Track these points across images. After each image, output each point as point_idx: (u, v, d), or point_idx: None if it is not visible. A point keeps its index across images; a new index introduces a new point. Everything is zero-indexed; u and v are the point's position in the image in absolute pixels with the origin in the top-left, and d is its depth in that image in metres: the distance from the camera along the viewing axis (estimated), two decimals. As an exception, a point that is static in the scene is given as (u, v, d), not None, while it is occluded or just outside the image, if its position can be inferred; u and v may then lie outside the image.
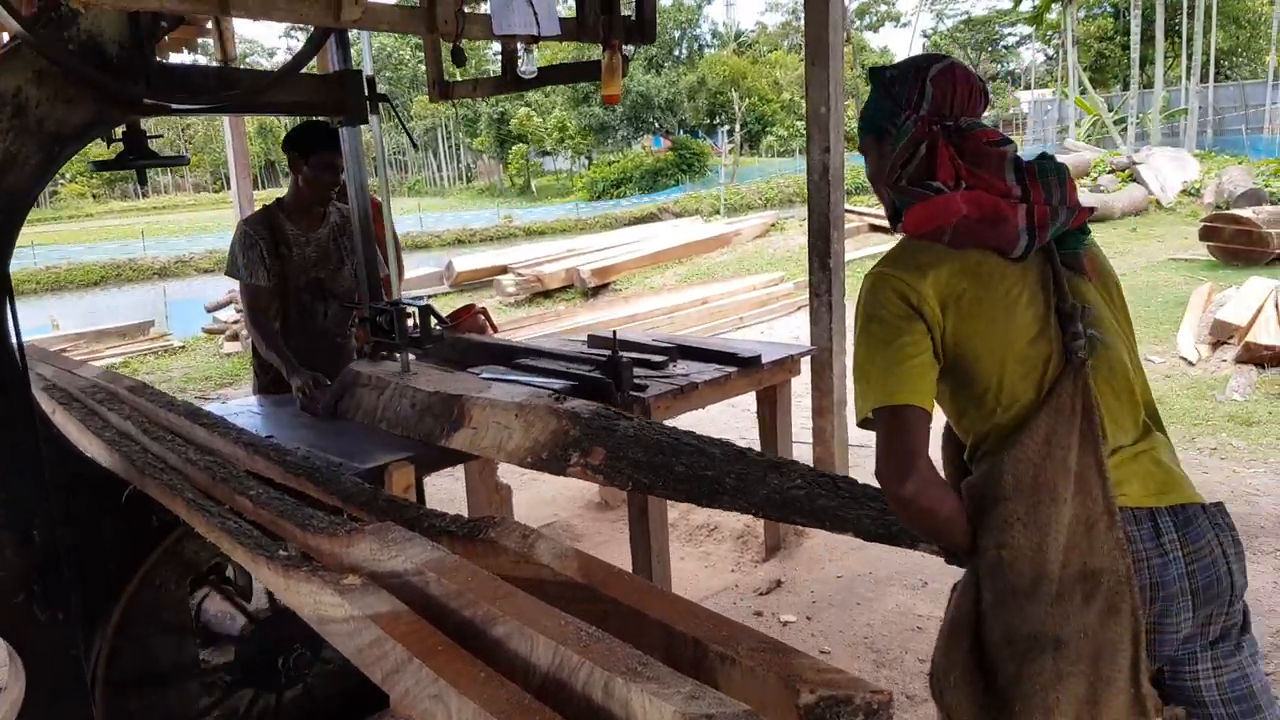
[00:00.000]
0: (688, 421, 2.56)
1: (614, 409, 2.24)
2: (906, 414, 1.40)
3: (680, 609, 1.30)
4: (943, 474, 1.52)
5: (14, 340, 1.94)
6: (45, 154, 2.03)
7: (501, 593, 1.31)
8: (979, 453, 1.49)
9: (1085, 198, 14.73)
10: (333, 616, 1.38)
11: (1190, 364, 6.23)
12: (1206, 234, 10.13)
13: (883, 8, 47.40)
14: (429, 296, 11.03)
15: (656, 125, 39.66)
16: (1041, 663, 1.39)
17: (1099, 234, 13.24)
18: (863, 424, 1.47)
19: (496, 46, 2.75)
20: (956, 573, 1.51)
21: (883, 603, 3.29)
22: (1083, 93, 25.60)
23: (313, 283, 3.29)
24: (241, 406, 3.15)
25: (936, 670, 1.52)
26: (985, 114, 1.61)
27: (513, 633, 1.23)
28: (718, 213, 22.54)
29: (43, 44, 1.96)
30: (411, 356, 2.89)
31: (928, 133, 1.48)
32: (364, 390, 2.77)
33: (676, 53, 42.55)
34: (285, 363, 3.10)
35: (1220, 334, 6.36)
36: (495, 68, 2.90)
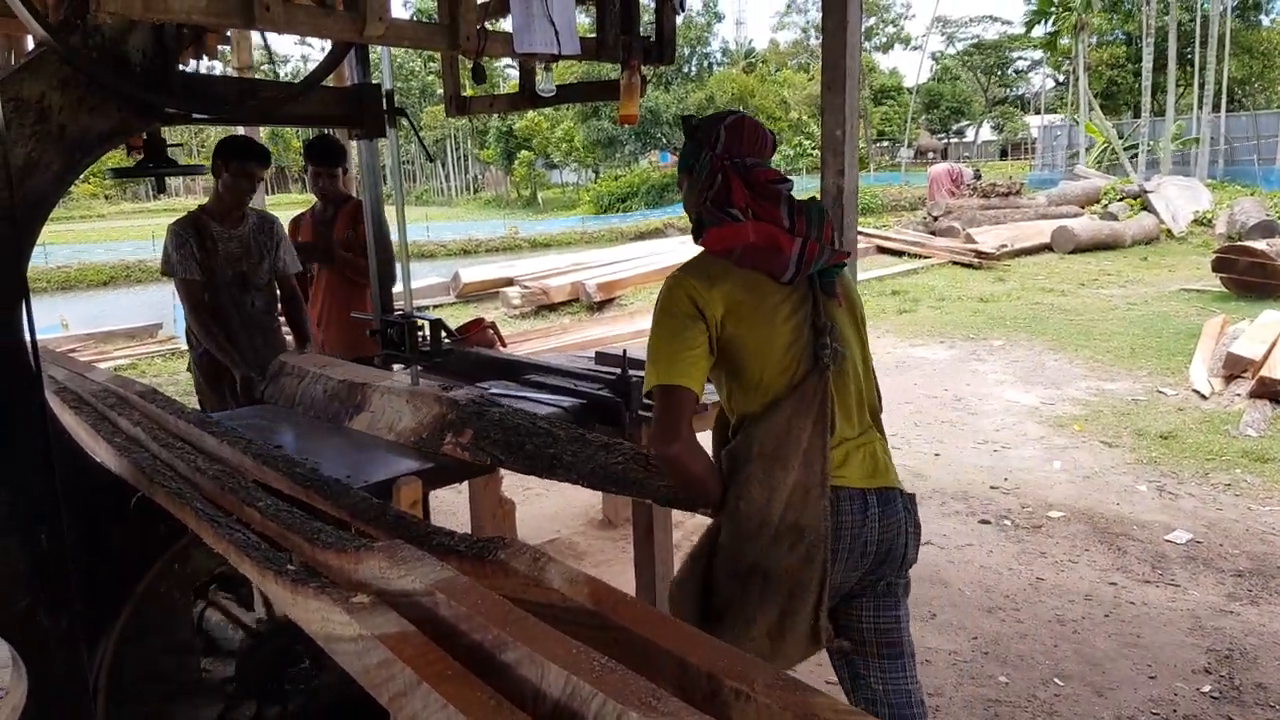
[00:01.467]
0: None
1: (485, 398, 2.58)
2: (678, 393, 1.77)
3: (694, 641, 1.28)
4: (712, 447, 1.96)
5: (29, 342, 1.93)
6: (66, 161, 2.03)
7: (513, 617, 1.29)
8: (739, 428, 1.88)
9: (1094, 224, 14.77)
10: (341, 635, 1.37)
11: (1203, 397, 6.20)
12: (1219, 265, 10.12)
13: (892, 30, 47.56)
14: (434, 307, 11.04)
15: (664, 141, 39.77)
16: (751, 588, 1.82)
17: (1108, 261, 13.25)
18: (646, 395, 1.84)
19: (506, 61, 2.76)
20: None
21: (888, 631, 3.27)
22: (1092, 118, 25.64)
23: (238, 275, 3.68)
24: (251, 414, 3.15)
25: (675, 582, 1.98)
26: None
27: (523, 659, 1.21)
28: (726, 230, 22.52)
29: (68, 51, 1.96)
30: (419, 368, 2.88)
31: (721, 167, 1.87)
32: (287, 378, 3.10)
33: (686, 69, 42.70)
34: (226, 355, 3.55)
35: (1234, 368, 6.34)
36: (505, 83, 2.92)
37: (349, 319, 3.92)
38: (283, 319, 3.95)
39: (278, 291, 3.84)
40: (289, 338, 4.03)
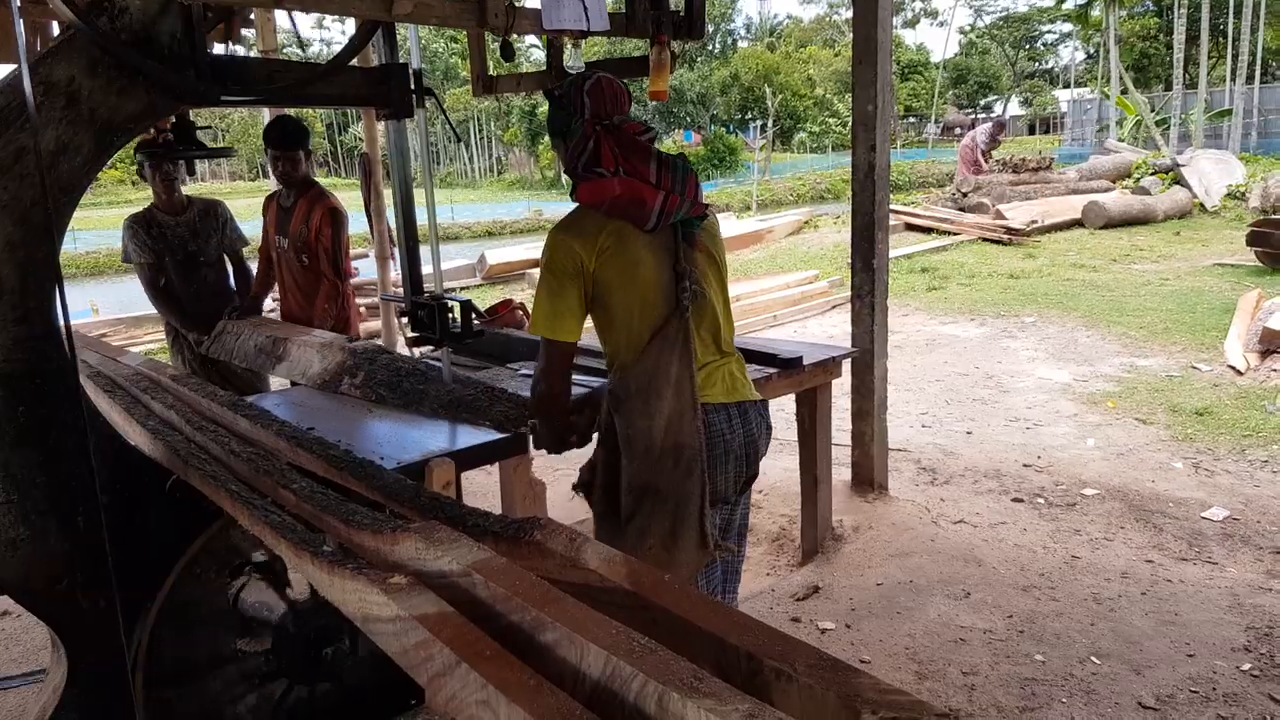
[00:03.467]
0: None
1: (376, 348, 3.09)
2: (556, 346, 2.16)
3: (733, 621, 1.26)
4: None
5: (62, 326, 1.94)
6: (97, 144, 2.03)
7: (551, 597, 1.29)
8: (614, 365, 2.22)
9: (1126, 199, 14.49)
10: (378, 615, 1.37)
11: (1239, 373, 6.09)
12: (1254, 239, 9.91)
13: (919, 5, 46.88)
14: (461, 289, 11.05)
15: (689, 120, 39.52)
16: (645, 503, 2.16)
17: (1140, 236, 13.01)
18: (532, 331, 2.17)
19: (530, 40, 2.73)
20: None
21: (924, 612, 3.25)
22: (1124, 92, 25.18)
23: (188, 255, 4.29)
24: (280, 399, 3.16)
25: (586, 475, 2.42)
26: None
27: (562, 639, 1.21)
28: (749, 209, 22.42)
29: (97, 34, 1.96)
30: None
31: (592, 132, 2.10)
32: (226, 336, 3.71)
33: (710, 47, 42.35)
34: (181, 321, 4.33)
35: (1270, 342, 6.21)
36: (527, 63, 2.90)
37: (302, 308, 4.19)
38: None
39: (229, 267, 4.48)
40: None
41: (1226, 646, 3.01)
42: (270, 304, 4.74)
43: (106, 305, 11.47)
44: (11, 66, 4.05)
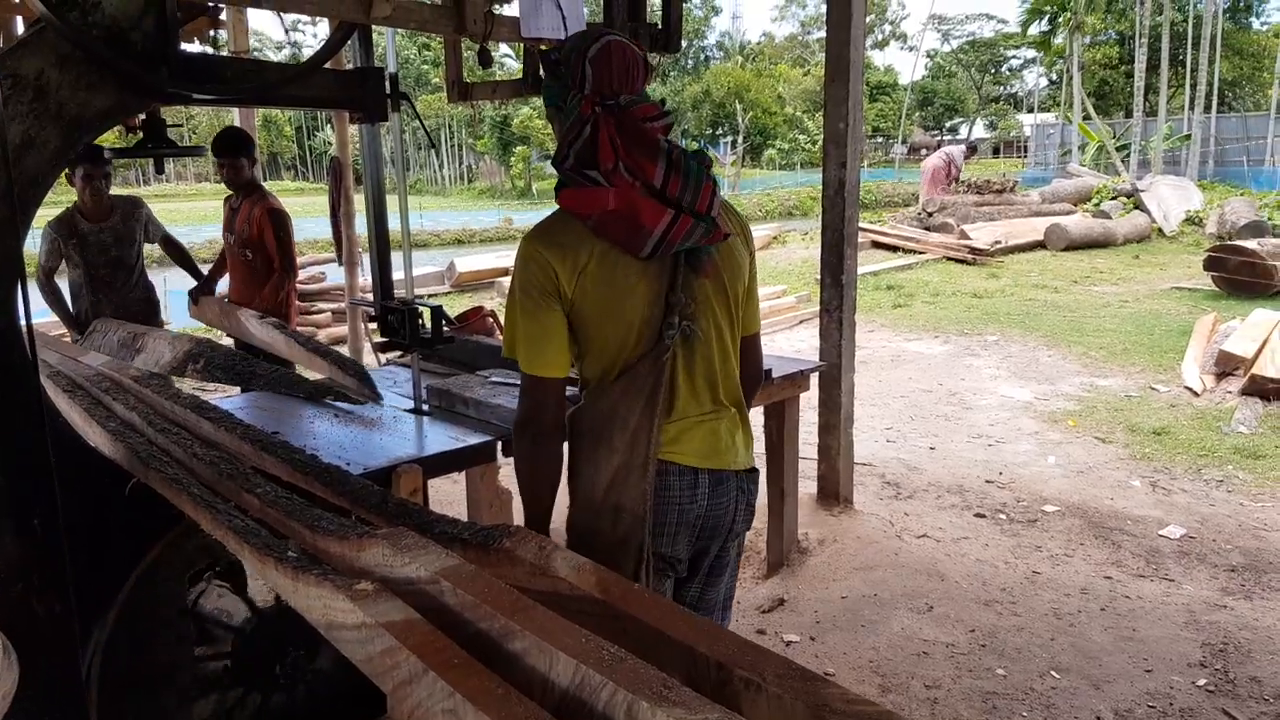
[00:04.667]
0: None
1: (212, 342, 3.25)
2: (541, 384, 1.75)
3: (703, 630, 1.27)
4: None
5: (23, 324, 1.90)
6: (64, 138, 2.00)
7: (520, 605, 1.28)
8: (582, 393, 1.84)
9: (1087, 222, 14.69)
10: (343, 623, 1.35)
11: (1195, 394, 6.22)
12: (1211, 264, 10.15)
13: (889, 28, 47.57)
14: (429, 296, 10.98)
15: (661, 134, 39.71)
16: (580, 552, 1.66)
17: (1101, 259, 13.24)
18: (508, 355, 1.80)
19: (504, 49, 2.73)
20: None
21: (888, 625, 3.27)
22: (1086, 118, 25.70)
23: (112, 260, 4.43)
24: (245, 401, 3.12)
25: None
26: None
27: (531, 648, 1.20)
28: (719, 223, 22.50)
29: (67, 28, 1.93)
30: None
31: (591, 113, 1.66)
32: (94, 335, 3.78)
33: (683, 63, 42.63)
34: (65, 321, 4.56)
35: (1226, 365, 6.36)
36: (500, 71, 2.90)
37: (246, 296, 4.51)
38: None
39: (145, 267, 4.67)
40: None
41: (1183, 662, 3.06)
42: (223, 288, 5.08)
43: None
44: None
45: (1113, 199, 16.50)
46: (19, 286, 1.89)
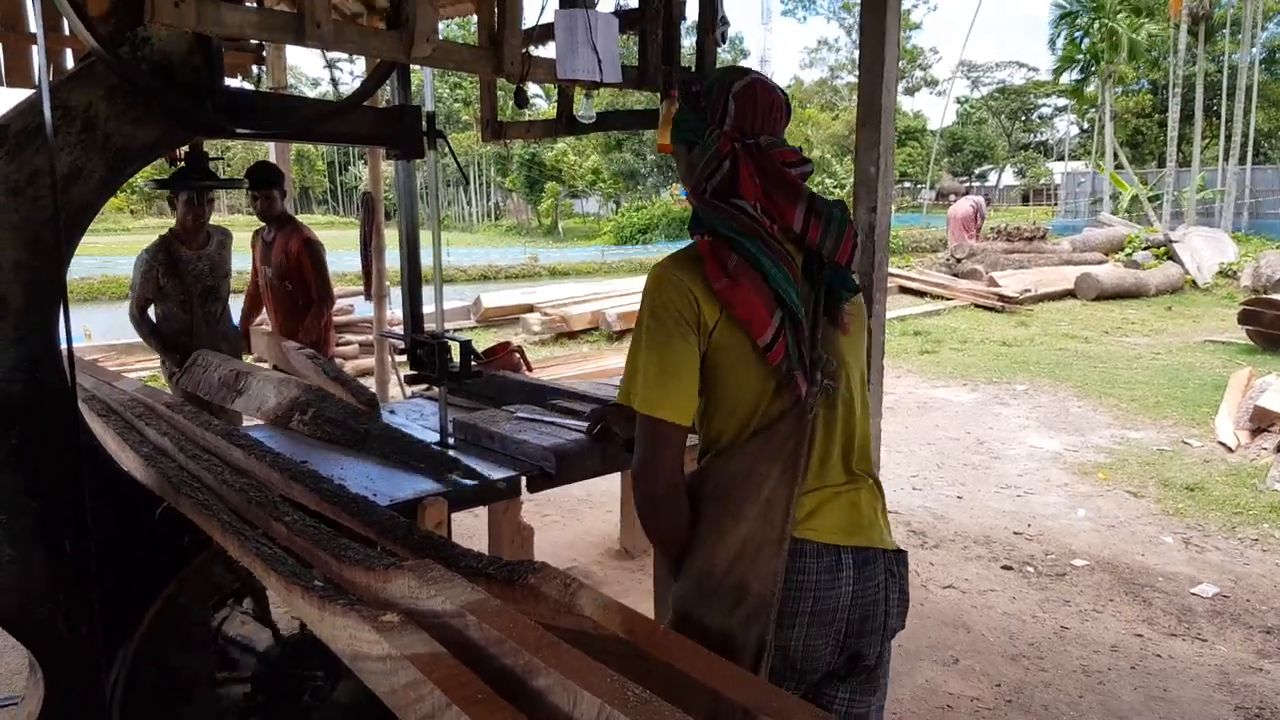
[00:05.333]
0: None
1: (324, 391, 3.02)
2: (661, 428, 1.53)
3: (729, 674, 1.25)
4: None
5: (64, 349, 1.94)
6: (110, 169, 2.05)
7: (545, 642, 1.27)
8: (706, 453, 1.64)
9: (1119, 271, 14.56)
10: (368, 654, 1.35)
11: (1229, 450, 6.11)
12: (1245, 317, 10.03)
13: (919, 74, 47.85)
14: (455, 330, 11.07)
15: (688, 175, 39.98)
16: (683, 630, 1.56)
17: (1132, 309, 13.10)
18: (624, 400, 1.57)
19: (533, 89, 2.77)
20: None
21: (912, 677, 3.21)
22: (1118, 167, 25.63)
23: (207, 289, 4.31)
24: (273, 431, 3.15)
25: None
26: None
27: (555, 685, 1.19)
28: (746, 265, 22.57)
29: (117, 62, 1.99)
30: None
31: (730, 149, 1.56)
32: (195, 369, 3.63)
33: (713, 105, 43.03)
34: (164, 350, 4.32)
35: (1261, 421, 6.24)
36: (529, 112, 2.94)
37: (288, 326, 4.57)
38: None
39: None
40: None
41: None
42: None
43: (100, 331, 11.43)
44: (25, 92, 4.10)
45: (1145, 249, 16.39)
46: (61, 313, 1.93)
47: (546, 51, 2.50)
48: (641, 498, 1.60)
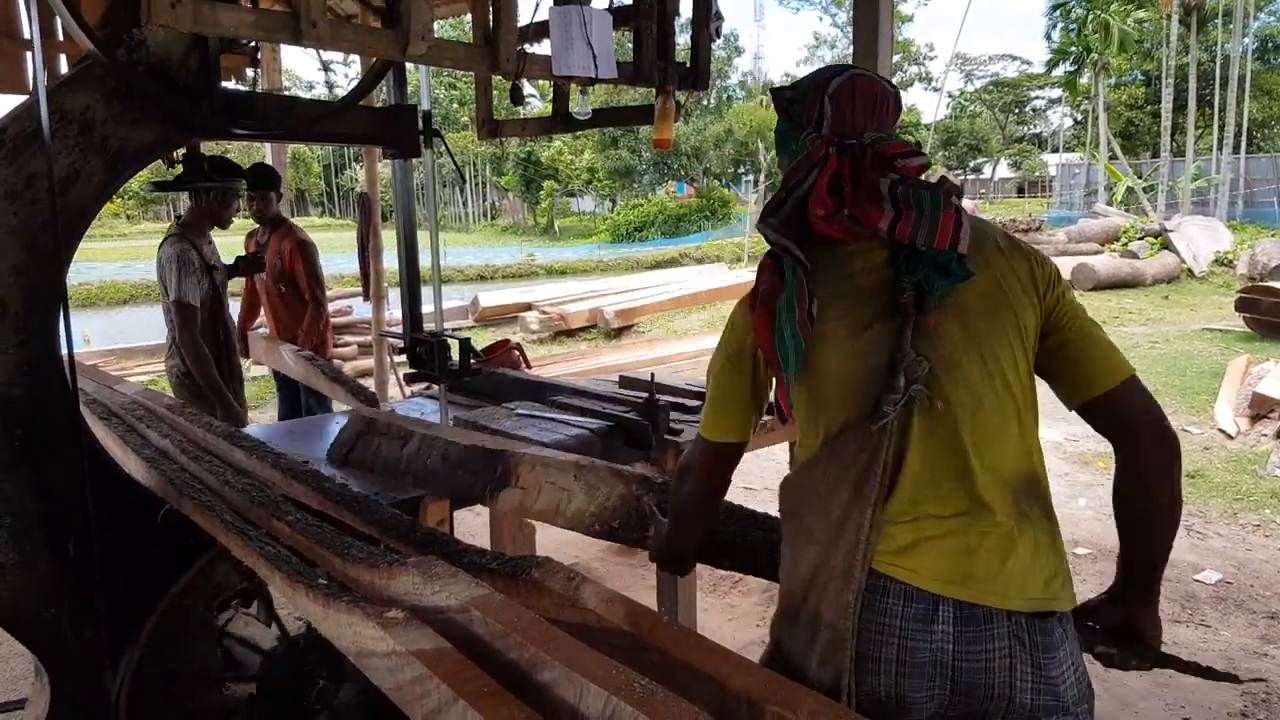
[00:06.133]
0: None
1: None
2: (700, 445, 1.57)
3: (734, 665, 1.25)
4: None
5: (66, 353, 1.94)
6: (108, 171, 2.05)
7: (549, 635, 1.27)
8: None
9: (1115, 261, 14.46)
10: (373, 650, 1.35)
11: (1229, 437, 6.13)
12: (1242, 305, 10.05)
13: (913, 69, 47.84)
14: (453, 330, 11.07)
15: (682, 172, 39.99)
16: (774, 664, 1.42)
17: (1130, 299, 13.10)
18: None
19: (527, 89, 2.76)
20: None
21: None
22: (1112, 159, 25.65)
23: (221, 284, 4.03)
24: (273, 431, 3.15)
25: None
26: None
27: (560, 678, 1.19)
28: (740, 260, 22.61)
29: (114, 65, 1.99)
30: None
31: (824, 154, 1.36)
32: (382, 439, 2.58)
33: (706, 102, 43.05)
34: (219, 395, 3.78)
35: (1260, 407, 6.26)
36: (524, 110, 2.93)
37: (286, 327, 4.52)
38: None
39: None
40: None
41: (1223, 711, 2.98)
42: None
43: (98, 337, 11.43)
44: (18, 99, 4.10)
45: (1140, 239, 16.41)
46: (61, 316, 1.93)
47: (542, 49, 2.50)
48: (673, 496, 1.68)
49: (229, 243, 4.73)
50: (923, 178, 1.38)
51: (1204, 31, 27.55)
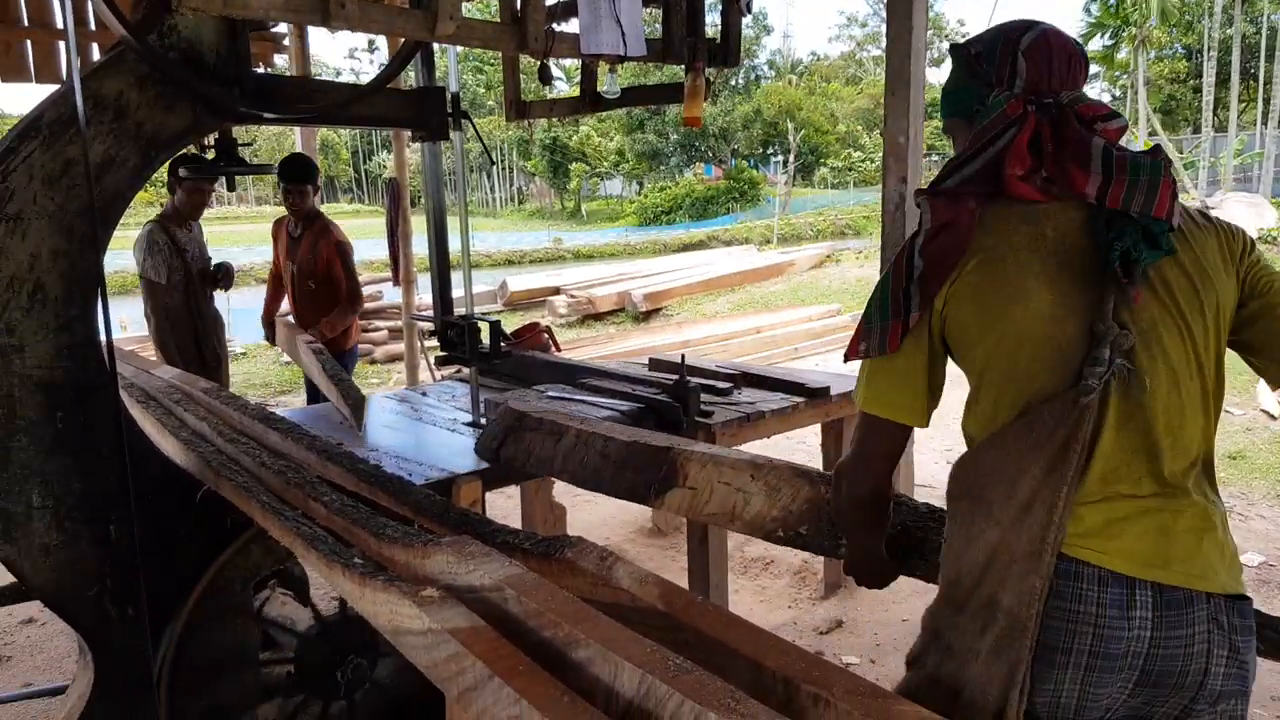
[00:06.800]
0: (753, 450, 2.51)
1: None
2: (870, 424, 1.39)
3: (769, 644, 1.25)
4: None
5: (103, 338, 1.97)
6: (142, 157, 2.07)
7: (584, 614, 1.28)
8: (968, 444, 1.39)
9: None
10: (410, 628, 1.36)
11: (1272, 418, 6.01)
12: (1283, 282, 9.83)
13: (944, 44, 47.14)
14: (482, 313, 11.12)
15: (710, 154, 39.76)
16: (929, 655, 1.36)
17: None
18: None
19: (554, 72, 2.71)
20: None
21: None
22: (1152, 135, 25.14)
23: (201, 272, 4.39)
24: (307, 414, 3.18)
25: None
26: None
27: (595, 657, 1.19)
28: (770, 242, 22.48)
29: (146, 50, 2.00)
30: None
31: (1021, 112, 1.29)
32: (534, 435, 2.40)
33: (733, 82, 42.72)
34: (179, 353, 4.27)
35: (1303, 388, 6.13)
36: (550, 92, 2.91)
37: (310, 322, 4.42)
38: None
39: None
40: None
41: (1266, 695, 2.94)
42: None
43: (134, 325, 11.60)
44: (51, 87, 4.15)
45: (1179, 216, 16.09)
46: (100, 301, 1.96)
47: (569, 27, 2.48)
48: (837, 492, 1.49)
49: (256, 230, 4.76)
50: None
51: (1250, 2, 26.85)
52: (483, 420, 2.94)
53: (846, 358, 1.44)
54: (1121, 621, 1.22)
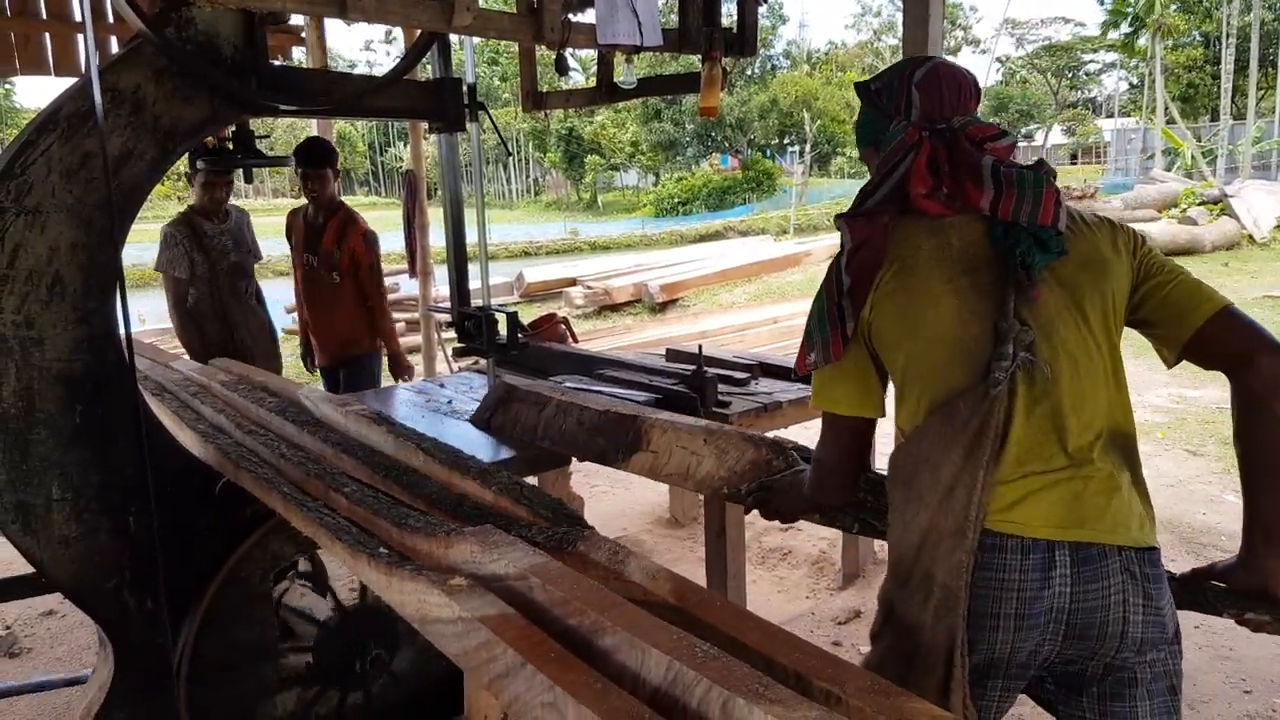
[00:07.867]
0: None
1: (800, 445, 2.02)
2: (827, 420, 1.57)
3: (781, 640, 1.23)
4: None
5: (122, 331, 1.98)
6: (160, 150, 2.07)
7: (610, 602, 1.27)
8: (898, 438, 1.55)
9: (1173, 228, 14.06)
10: (439, 617, 1.36)
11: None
12: (1304, 270, 9.72)
13: (960, 33, 46.77)
14: (499, 305, 11.15)
15: (726, 144, 39.63)
16: (886, 629, 1.52)
17: (1188, 266, 12.82)
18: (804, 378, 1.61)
19: (570, 63, 2.66)
20: None
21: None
22: (1170, 123, 24.89)
23: (233, 266, 4.16)
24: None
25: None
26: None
27: (622, 644, 1.19)
28: (786, 232, 22.41)
29: (164, 43, 2.00)
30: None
31: (917, 139, 1.46)
32: (521, 405, 2.63)
33: (749, 72, 42.52)
34: (202, 347, 4.06)
35: (1323, 376, 6.06)
36: (565, 83, 2.88)
37: (336, 322, 4.18)
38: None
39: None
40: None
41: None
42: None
43: (152, 318, 11.67)
44: (69, 80, 4.17)
45: (1199, 205, 15.93)
46: (118, 293, 1.96)
47: (586, 18, 2.47)
48: (812, 482, 1.68)
49: (271, 222, 4.72)
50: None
51: (1268, -12, 26.54)
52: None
53: (796, 372, 1.63)
54: (1042, 582, 1.36)
